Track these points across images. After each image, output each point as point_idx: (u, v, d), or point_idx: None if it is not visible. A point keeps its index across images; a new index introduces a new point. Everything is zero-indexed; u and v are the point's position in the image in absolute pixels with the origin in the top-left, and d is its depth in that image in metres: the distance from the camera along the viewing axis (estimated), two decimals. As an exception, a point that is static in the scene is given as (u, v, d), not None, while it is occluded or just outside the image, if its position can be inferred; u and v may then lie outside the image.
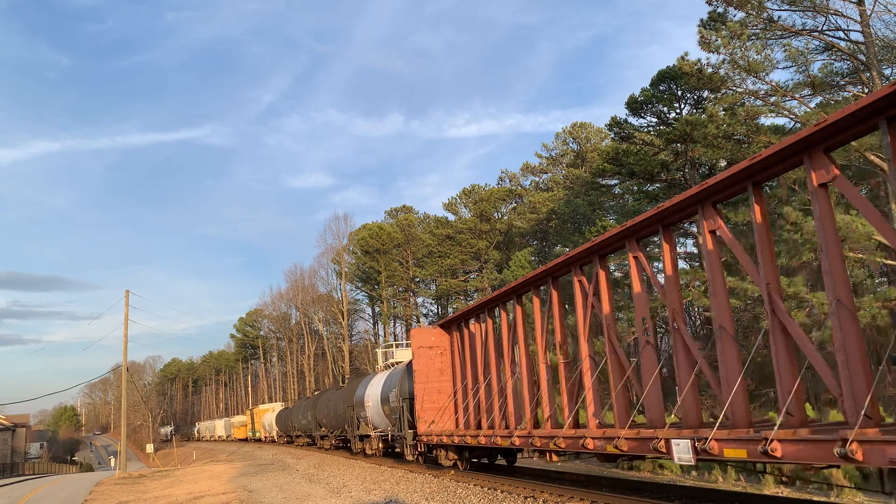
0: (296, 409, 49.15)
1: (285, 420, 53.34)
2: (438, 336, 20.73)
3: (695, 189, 8.98)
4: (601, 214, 44.70)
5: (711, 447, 8.06)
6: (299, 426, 46.37)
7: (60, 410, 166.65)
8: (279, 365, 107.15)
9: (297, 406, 49.66)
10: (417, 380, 20.11)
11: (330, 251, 76.89)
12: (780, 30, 25.39)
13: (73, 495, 27.81)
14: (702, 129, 29.57)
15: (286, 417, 53.22)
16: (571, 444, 11.41)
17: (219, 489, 22.49)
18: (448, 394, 20.03)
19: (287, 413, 53.83)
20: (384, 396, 24.18)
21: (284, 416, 54.42)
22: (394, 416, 22.94)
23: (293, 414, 49.59)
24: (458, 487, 15.16)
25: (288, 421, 51.49)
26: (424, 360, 20.37)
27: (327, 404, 36.64)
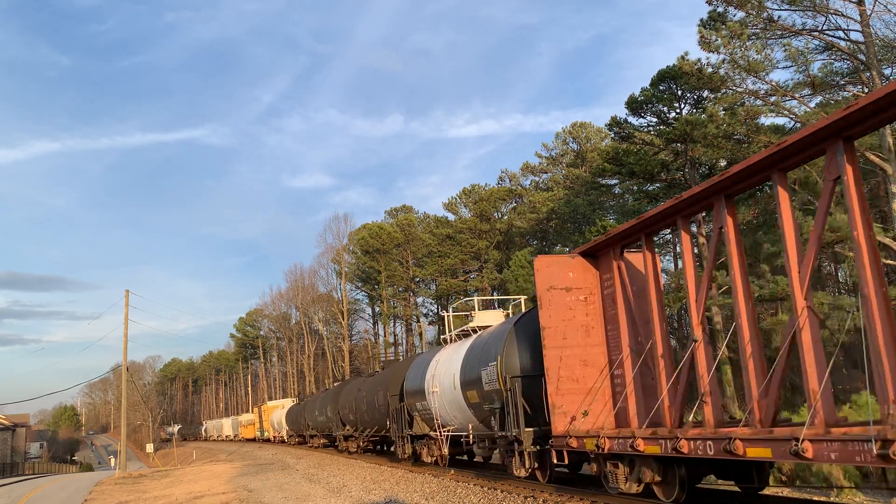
0: (310, 405, 42.93)
1: (297, 417, 47.44)
2: (581, 270, 13.04)
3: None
4: (601, 214, 44.72)
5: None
6: (315, 424, 40.33)
7: (60, 410, 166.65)
8: (279, 365, 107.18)
9: (313, 400, 43.29)
10: (549, 343, 12.50)
11: (330, 251, 76.93)
12: (780, 29, 25.40)
13: (73, 495, 27.80)
14: (702, 129, 29.59)
15: (298, 414, 47.39)
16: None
17: (219, 489, 22.49)
18: (599, 367, 12.51)
19: (299, 409, 47.63)
20: (469, 377, 16.20)
21: (296, 413, 48.49)
22: (489, 405, 15.04)
23: (307, 410, 43.50)
24: (457, 487, 15.15)
25: (300, 418, 45.61)
26: (559, 311, 12.68)
27: (356, 396, 29.63)
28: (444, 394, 17.93)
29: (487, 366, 14.95)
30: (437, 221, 70.39)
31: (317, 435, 40.71)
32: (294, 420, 48.67)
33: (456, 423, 17.95)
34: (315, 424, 40.20)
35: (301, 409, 46.66)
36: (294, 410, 50.14)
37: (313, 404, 41.54)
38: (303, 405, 46.46)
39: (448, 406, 17.83)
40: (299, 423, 46.19)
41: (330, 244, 76.80)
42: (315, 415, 40.00)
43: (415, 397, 20.61)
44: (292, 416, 49.98)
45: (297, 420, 46.91)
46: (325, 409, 36.77)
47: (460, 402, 16.87)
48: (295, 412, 49.18)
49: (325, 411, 36.69)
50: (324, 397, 38.56)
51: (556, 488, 12.89)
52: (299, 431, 47.29)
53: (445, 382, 17.82)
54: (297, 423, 47.57)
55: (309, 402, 44.83)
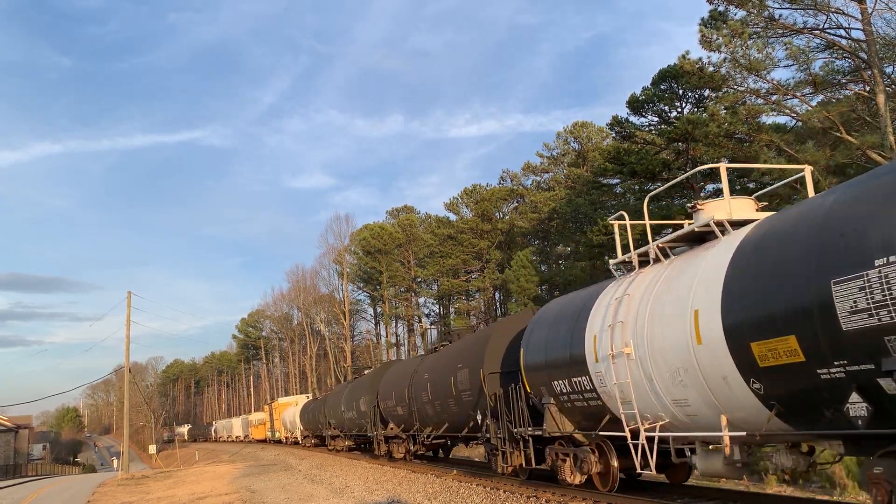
0: (333, 398, 35.49)
1: (314, 415, 40.54)
2: None
3: None
4: (603, 214, 44.66)
5: None
6: (340, 422, 32.83)
7: (63, 412, 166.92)
8: (281, 366, 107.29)
9: (337, 392, 35.63)
10: None
11: (331, 251, 76.97)
12: (781, 28, 25.37)
13: (75, 496, 27.84)
14: (703, 128, 29.58)
15: (315, 412, 40.20)
16: None
17: (221, 490, 22.51)
18: None
19: (317, 406, 40.25)
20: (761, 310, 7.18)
21: (313, 411, 41.44)
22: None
23: (328, 405, 35.93)
24: (460, 487, 15.15)
25: (318, 416, 38.75)
26: None
27: (413, 381, 21.11)
28: (661, 358, 8.94)
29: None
30: (438, 221, 70.40)
31: (340, 436, 32.99)
32: (311, 418, 42.17)
33: (679, 414, 8.98)
34: (340, 423, 32.64)
35: (320, 404, 39.36)
36: (310, 407, 43.56)
37: (337, 397, 34.05)
38: (322, 400, 39.94)
39: (667, 382, 8.87)
40: (317, 422, 39.59)
41: (331, 244, 76.92)
42: (340, 410, 32.71)
43: (553, 372, 12.16)
44: (308, 413, 43.62)
45: (315, 418, 40.27)
46: (355, 402, 29.37)
47: (713, 373, 7.89)
48: (312, 409, 42.46)
49: (355, 405, 29.37)
50: (354, 387, 30.89)
51: (558, 488, 12.89)
52: (317, 431, 40.95)
53: (666, 333, 8.81)
54: (314, 422, 41.03)
55: (331, 395, 37.76)
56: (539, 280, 48.03)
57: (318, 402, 41.05)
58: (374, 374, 28.38)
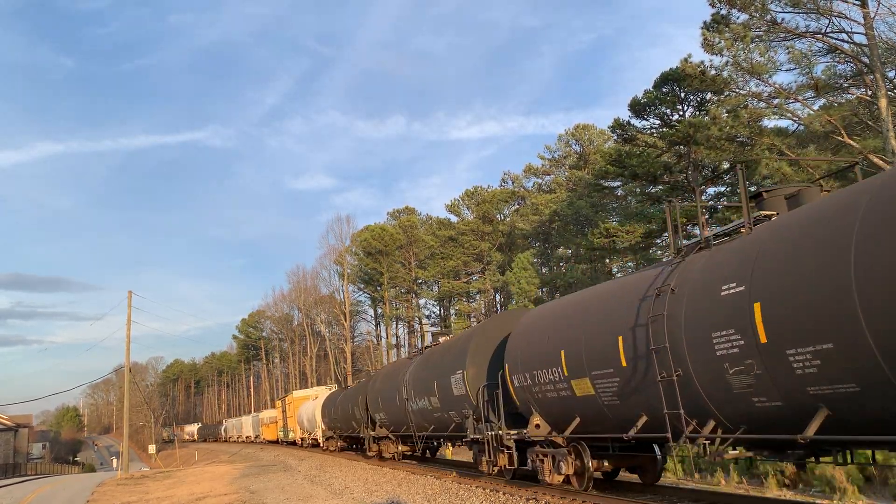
0: (375, 385, 25.73)
1: (344, 410, 31.64)
2: None
3: None
4: (604, 216, 44.70)
5: None
6: (393, 418, 23.23)
7: (63, 411, 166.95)
8: (281, 366, 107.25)
9: (377, 378, 26.32)
10: None
11: (332, 252, 76.98)
12: (784, 32, 25.37)
13: (75, 496, 27.84)
14: (705, 131, 29.58)
15: (347, 405, 30.98)
16: None
17: (221, 490, 22.50)
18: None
19: (350, 398, 30.82)
20: None
21: (342, 404, 32.13)
22: None
23: (374, 394, 25.36)
24: (460, 489, 15.14)
25: (351, 410, 29.90)
26: None
27: (525, 344, 13.62)
28: None
29: None
30: (439, 223, 70.41)
31: (388, 437, 24.60)
32: (338, 415, 33.11)
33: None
34: (392, 418, 23.32)
35: (355, 394, 29.69)
36: (337, 400, 34.12)
37: (383, 383, 24.67)
38: (360, 388, 29.46)
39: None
40: (348, 419, 30.89)
41: (332, 245, 76.94)
42: (377, 404, 24.22)
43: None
44: (333, 408, 34.44)
45: (346, 414, 31.23)
46: (406, 388, 20.44)
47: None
48: (340, 403, 33.01)
49: (417, 396, 19.44)
50: (418, 367, 19.97)
51: (558, 490, 12.88)
52: (348, 430, 31.88)
53: None
54: (343, 419, 32.07)
55: (379, 379, 26.25)
56: (540, 282, 48.03)
57: (352, 391, 31.09)
58: (467, 335, 17.81)
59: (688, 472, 17.63)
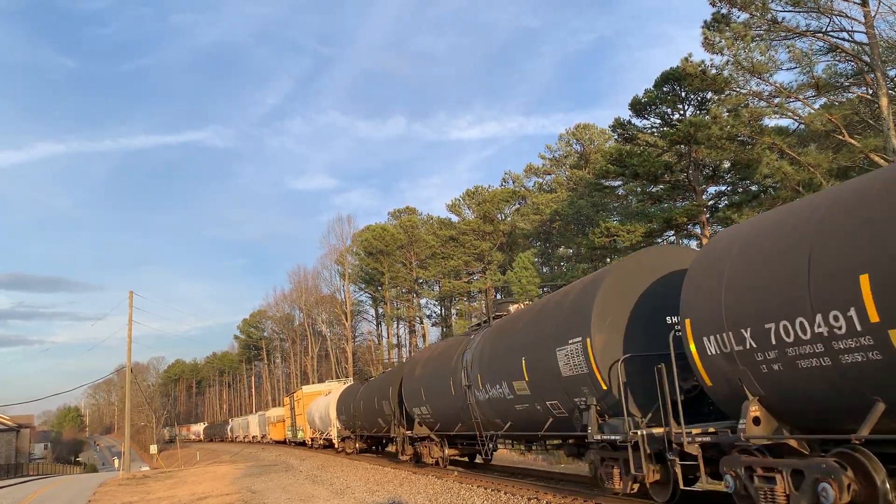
0: (409, 376, 21.29)
1: (366, 406, 26.88)
2: None
3: None
4: (605, 216, 44.71)
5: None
6: (439, 413, 18.92)
7: (64, 411, 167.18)
8: (282, 366, 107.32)
9: (409, 368, 21.86)
10: None
11: (333, 252, 77.06)
12: (784, 31, 25.38)
13: (77, 496, 27.86)
14: (705, 131, 29.57)
15: (370, 399, 26.21)
16: None
17: (222, 490, 22.52)
18: None
19: (369, 393, 26.80)
20: None
21: (365, 399, 27.26)
22: None
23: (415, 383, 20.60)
24: (461, 489, 15.15)
25: (372, 406, 25.80)
26: None
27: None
28: None
29: None
30: (440, 223, 70.47)
31: (429, 438, 20.44)
32: (357, 411, 28.55)
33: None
34: (440, 414, 18.72)
35: (377, 388, 25.48)
36: (358, 393, 29.04)
37: (426, 368, 19.94)
38: (382, 382, 25.34)
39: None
40: (371, 416, 26.36)
41: (333, 245, 77.02)
42: (427, 395, 19.37)
43: None
44: (352, 403, 29.50)
45: (367, 410, 26.83)
46: (479, 368, 15.46)
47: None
48: (358, 398, 28.46)
49: (488, 382, 14.84)
50: (490, 341, 15.57)
51: (558, 490, 12.89)
52: (372, 429, 27.03)
53: None
54: (365, 417, 27.43)
55: (402, 372, 22.53)
56: (541, 282, 48.03)
57: (378, 382, 25.94)
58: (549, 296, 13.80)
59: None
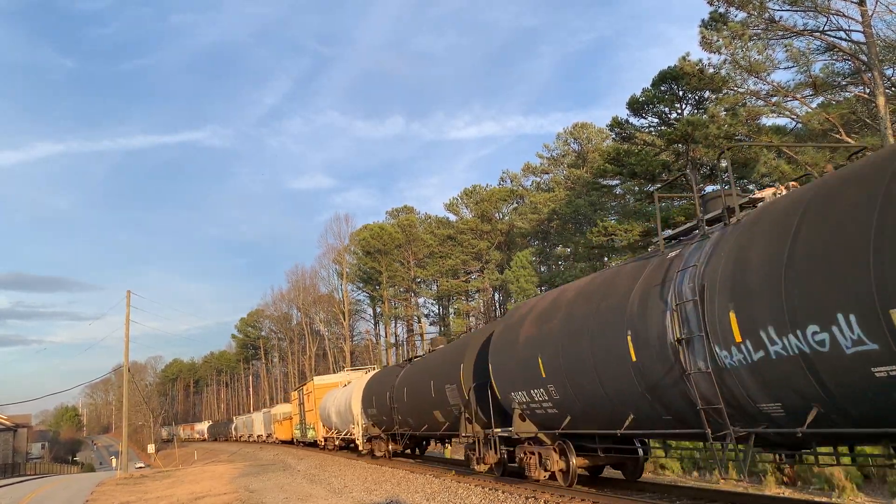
0: (503, 339, 13.80)
1: (413, 395, 20.60)
2: None
3: None
4: (602, 215, 44.71)
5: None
6: (564, 396, 11.20)
7: (62, 411, 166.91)
8: (280, 365, 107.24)
9: (508, 328, 13.76)
10: None
11: (331, 251, 76.98)
12: (782, 30, 25.38)
13: (74, 495, 27.81)
14: (703, 130, 29.59)
15: (417, 388, 20.24)
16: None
17: (220, 489, 22.50)
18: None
19: (418, 376, 20.64)
20: None
21: (411, 386, 20.95)
22: None
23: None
24: (459, 488, 15.15)
25: (423, 395, 19.46)
26: None
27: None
28: None
29: None
30: (438, 222, 70.45)
31: (536, 438, 13.27)
32: (397, 402, 22.06)
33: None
34: (575, 399, 10.98)
35: (429, 369, 19.57)
36: (391, 382, 22.99)
37: (549, 318, 11.99)
38: (438, 358, 19.66)
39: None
40: (420, 409, 19.89)
41: (331, 245, 76.93)
42: (558, 361, 11.14)
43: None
44: (386, 393, 23.16)
45: (414, 401, 20.37)
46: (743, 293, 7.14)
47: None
48: (397, 385, 22.17)
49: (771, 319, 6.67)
50: (765, 236, 7.18)
51: (557, 489, 12.89)
52: (420, 426, 20.69)
53: None
54: (409, 410, 21.01)
55: (475, 342, 16.53)
56: (539, 281, 48.04)
57: (435, 360, 19.67)
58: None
59: (686, 470, 17.66)
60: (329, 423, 33.91)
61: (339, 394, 32.00)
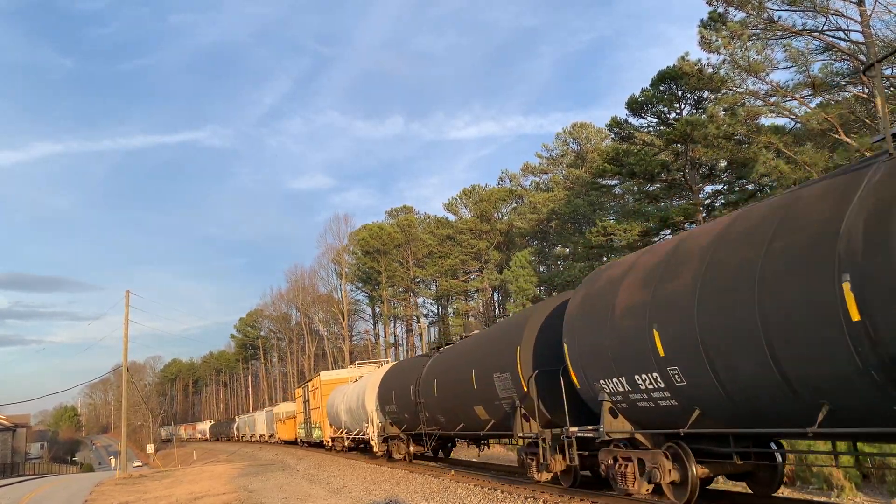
0: (587, 308, 10.69)
1: (446, 387, 17.40)
2: None
3: None
4: (602, 215, 44.72)
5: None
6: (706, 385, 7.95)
7: (61, 411, 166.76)
8: (279, 365, 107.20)
9: (594, 289, 10.80)
10: None
11: (330, 251, 77.00)
12: (781, 30, 25.39)
13: (73, 495, 27.80)
14: (702, 130, 29.59)
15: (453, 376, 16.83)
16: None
17: (219, 489, 22.49)
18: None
19: (448, 366, 17.78)
20: None
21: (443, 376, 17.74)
22: None
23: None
24: (458, 487, 15.15)
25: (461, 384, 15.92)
26: None
27: None
28: None
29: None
30: (437, 222, 70.43)
31: (633, 439, 10.05)
32: (424, 398, 19.26)
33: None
34: (721, 386, 7.69)
35: (470, 354, 16.31)
36: (417, 373, 20.07)
37: (658, 272, 9.00)
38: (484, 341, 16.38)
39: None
40: (461, 401, 16.49)
41: (330, 244, 76.96)
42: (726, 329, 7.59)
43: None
44: (411, 387, 20.22)
45: (450, 393, 17.32)
46: None
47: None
48: (426, 376, 19.29)
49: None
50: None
51: (556, 489, 12.89)
52: (454, 424, 17.75)
53: None
54: (442, 404, 17.98)
55: (536, 318, 13.01)
56: (538, 281, 48.04)
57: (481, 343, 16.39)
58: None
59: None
60: (337, 422, 31.30)
61: (351, 389, 29.20)
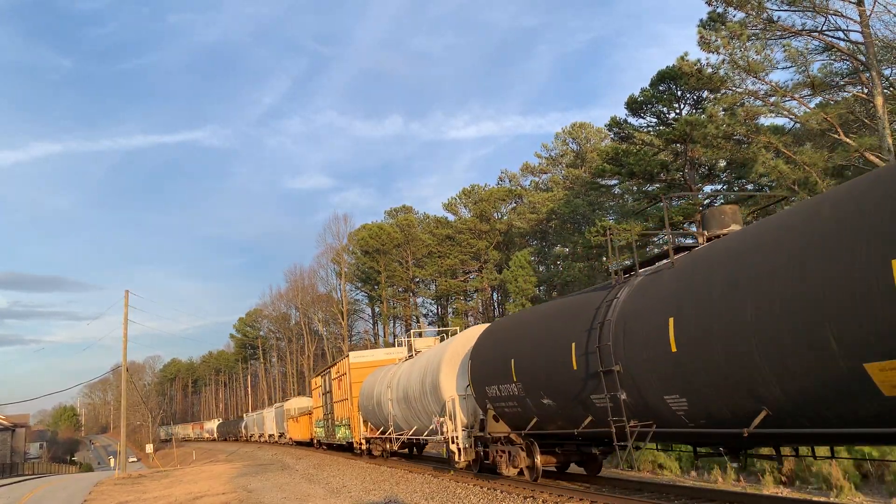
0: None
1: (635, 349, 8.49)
2: None
3: None
4: (601, 215, 44.72)
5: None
6: None
7: (60, 411, 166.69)
8: (279, 365, 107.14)
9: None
10: None
11: (329, 251, 76.93)
12: (780, 30, 25.40)
13: (72, 495, 27.78)
14: (701, 130, 29.58)
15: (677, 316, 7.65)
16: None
17: (218, 489, 22.48)
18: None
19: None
20: None
21: (625, 331, 8.75)
22: None
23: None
24: (457, 487, 15.15)
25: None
26: None
27: None
28: None
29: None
30: (436, 222, 70.38)
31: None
32: (608, 361, 9.14)
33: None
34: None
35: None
36: (580, 318, 10.39)
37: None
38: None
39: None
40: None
41: (329, 244, 76.88)
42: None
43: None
44: (562, 347, 10.69)
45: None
46: None
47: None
48: (615, 316, 9.29)
49: None
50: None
51: (556, 489, 12.90)
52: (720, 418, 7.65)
53: None
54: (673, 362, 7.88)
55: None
56: (537, 280, 48.04)
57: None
58: None
59: (685, 471, 17.66)
60: (379, 418, 23.67)
61: (404, 370, 20.94)
